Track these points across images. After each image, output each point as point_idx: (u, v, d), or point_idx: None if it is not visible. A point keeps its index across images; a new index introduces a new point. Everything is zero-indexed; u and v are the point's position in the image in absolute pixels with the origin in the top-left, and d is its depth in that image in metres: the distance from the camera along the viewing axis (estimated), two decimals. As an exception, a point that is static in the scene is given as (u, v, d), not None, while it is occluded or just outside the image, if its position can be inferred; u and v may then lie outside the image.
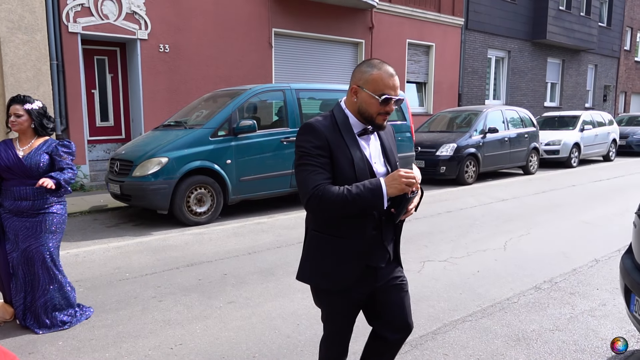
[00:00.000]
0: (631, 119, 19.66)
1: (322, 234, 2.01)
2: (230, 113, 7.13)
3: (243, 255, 5.36)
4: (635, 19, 25.92)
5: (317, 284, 2.10)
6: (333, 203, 1.82)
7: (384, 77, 1.91)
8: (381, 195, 1.82)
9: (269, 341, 3.41)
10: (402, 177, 1.81)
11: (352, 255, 1.99)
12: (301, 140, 1.92)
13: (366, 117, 1.97)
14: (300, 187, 1.91)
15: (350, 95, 2.00)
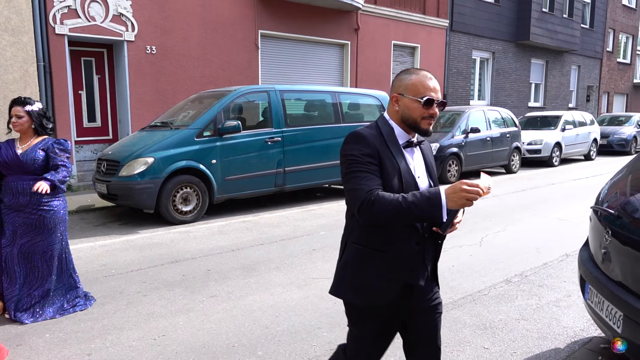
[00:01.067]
0: (612, 119, 20.06)
1: (362, 246, 1.92)
2: (216, 114, 7.28)
3: (226, 252, 5.52)
4: (617, 21, 26.40)
5: (351, 299, 1.98)
6: (386, 210, 1.72)
7: (423, 80, 1.89)
8: (440, 206, 1.69)
9: (248, 331, 3.58)
10: (464, 191, 1.67)
11: (393, 271, 1.90)
12: (349, 149, 1.85)
13: (410, 123, 1.92)
14: (351, 194, 1.81)
15: (391, 104, 1.96)
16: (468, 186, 1.68)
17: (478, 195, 1.67)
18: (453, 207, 1.70)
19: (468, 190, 1.67)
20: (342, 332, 3.57)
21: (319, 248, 5.68)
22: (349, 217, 1.99)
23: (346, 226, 2.01)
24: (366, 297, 1.92)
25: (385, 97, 9.65)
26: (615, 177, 3.33)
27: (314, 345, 3.38)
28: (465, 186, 1.68)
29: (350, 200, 1.83)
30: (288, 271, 4.88)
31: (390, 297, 1.92)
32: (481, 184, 1.68)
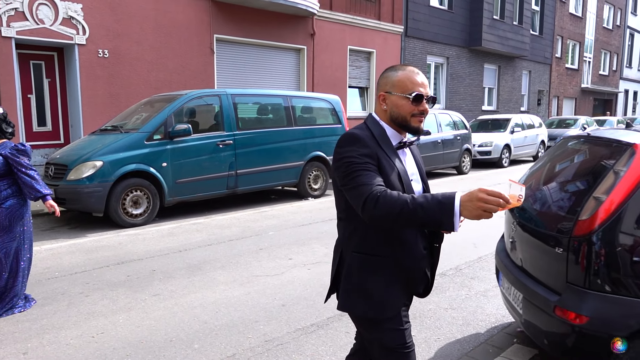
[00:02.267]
0: (561, 122, 20.96)
1: (367, 255, 1.80)
2: (166, 117, 7.34)
3: (174, 253, 5.59)
4: (564, 29, 27.60)
5: (363, 313, 1.84)
6: (391, 208, 1.57)
7: (411, 75, 1.80)
8: (451, 213, 1.52)
9: (187, 327, 3.69)
10: (481, 200, 1.49)
11: (402, 278, 1.83)
12: (346, 152, 1.73)
13: (400, 122, 1.82)
14: (354, 192, 1.67)
15: (379, 104, 1.86)
16: (487, 195, 1.49)
17: (499, 207, 1.48)
18: (467, 217, 1.52)
19: (486, 200, 1.48)
20: (278, 325, 3.74)
21: (265, 247, 5.82)
22: (344, 227, 1.87)
23: (342, 236, 1.89)
24: (379, 309, 1.81)
25: (337, 100, 9.90)
26: (533, 166, 3.58)
27: (250, 338, 3.53)
28: (484, 194, 1.49)
29: (353, 198, 1.68)
30: (233, 270, 5.01)
31: (401, 306, 1.85)
32: (507, 193, 1.48)
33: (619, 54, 34.55)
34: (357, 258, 1.81)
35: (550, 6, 25.92)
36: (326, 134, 9.43)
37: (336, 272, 1.90)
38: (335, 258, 1.95)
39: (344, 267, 1.86)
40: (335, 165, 1.76)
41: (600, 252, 2.35)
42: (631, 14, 35.07)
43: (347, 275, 1.84)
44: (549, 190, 3.01)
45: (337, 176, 1.76)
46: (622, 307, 2.31)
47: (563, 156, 3.24)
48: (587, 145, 3.04)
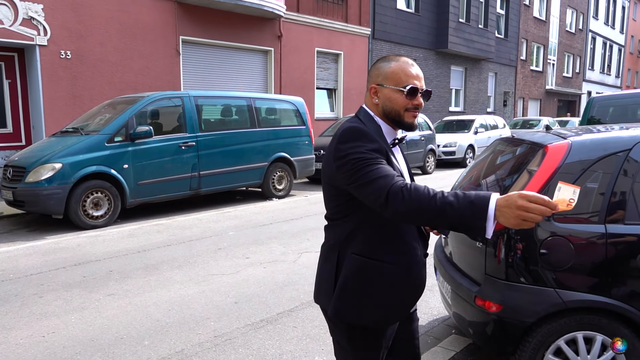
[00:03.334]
0: (525, 122, 21.57)
1: (367, 258, 1.66)
2: (127, 119, 7.36)
3: (132, 254, 5.65)
4: (529, 32, 28.37)
5: (359, 321, 1.69)
6: (420, 203, 1.41)
7: (405, 67, 1.68)
8: (483, 216, 1.34)
9: (138, 324, 3.78)
10: (521, 208, 1.29)
11: (404, 285, 1.70)
12: (351, 147, 1.56)
13: (393, 116, 1.69)
14: (370, 189, 1.50)
15: (370, 97, 1.73)
16: (528, 201, 1.29)
17: (541, 216, 1.29)
18: (504, 224, 1.33)
19: (527, 207, 1.29)
20: (229, 321, 3.86)
21: (224, 247, 5.93)
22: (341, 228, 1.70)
23: (337, 237, 1.72)
24: (379, 317, 1.69)
25: (301, 102, 10.05)
26: (469, 166, 3.79)
27: (200, 334, 3.65)
28: (524, 201, 1.29)
29: (370, 194, 1.50)
30: (189, 269, 5.11)
31: (403, 315, 1.75)
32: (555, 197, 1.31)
33: (582, 56, 35.64)
34: (356, 261, 1.66)
35: (514, 10, 26.61)
36: (290, 136, 9.57)
37: (335, 276, 1.71)
38: (329, 262, 1.73)
39: (340, 272, 1.69)
40: (339, 163, 1.58)
41: (512, 245, 2.56)
42: (593, 18, 36.21)
43: (345, 279, 1.67)
44: (476, 188, 3.21)
45: (341, 175, 1.58)
46: (530, 296, 2.52)
47: (492, 157, 3.46)
48: (511, 147, 3.26)
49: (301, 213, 7.97)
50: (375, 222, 1.65)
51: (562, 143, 2.67)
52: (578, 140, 2.67)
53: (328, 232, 1.79)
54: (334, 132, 1.67)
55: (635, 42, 44.93)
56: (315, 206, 8.58)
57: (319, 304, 1.81)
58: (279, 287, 4.60)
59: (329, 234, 1.78)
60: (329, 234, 1.78)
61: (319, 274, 1.81)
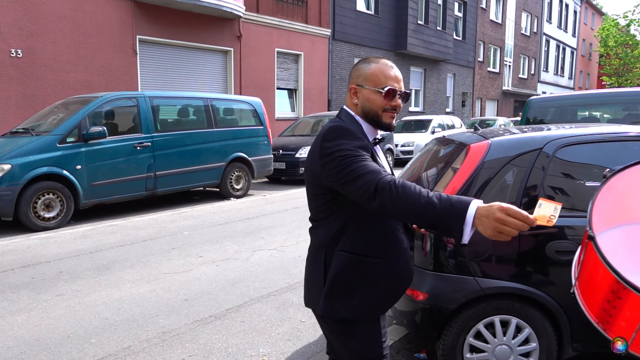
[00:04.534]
0: (482, 122, 22.22)
1: (356, 255, 1.69)
2: (80, 120, 7.30)
3: (84, 255, 5.64)
4: (486, 34, 29.22)
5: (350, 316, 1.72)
6: (407, 199, 1.45)
7: (384, 69, 1.73)
8: (461, 220, 1.39)
9: (86, 323, 3.82)
10: (499, 220, 1.33)
11: (392, 278, 1.75)
12: (336, 145, 1.60)
13: (371, 116, 1.73)
14: (358, 184, 1.52)
15: (350, 97, 1.78)
16: (507, 215, 1.32)
17: (518, 230, 1.32)
18: (482, 232, 1.36)
19: (504, 220, 1.32)
20: (178, 318, 3.95)
21: (178, 247, 5.98)
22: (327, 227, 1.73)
23: (324, 237, 1.73)
24: (370, 309, 1.73)
25: (259, 103, 10.14)
26: (414, 158, 3.98)
27: (148, 330, 3.72)
28: (503, 215, 1.32)
29: (358, 188, 1.52)
30: (141, 268, 5.15)
31: (393, 303, 1.80)
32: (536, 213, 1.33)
33: (537, 58, 36.94)
34: (344, 257, 1.69)
35: (472, 13, 27.37)
36: (248, 136, 9.65)
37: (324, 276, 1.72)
38: (317, 263, 1.76)
39: (328, 270, 1.72)
40: (324, 160, 1.60)
41: (437, 238, 2.75)
42: (547, 21, 37.57)
43: (334, 277, 1.70)
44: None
45: (326, 173, 1.61)
46: (453, 284, 2.73)
47: (426, 155, 3.66)
48: (442, 146, 3.47)
49: (257, 212, 8.08)
50: (361, 219, 1.67)
51: (482, 143, 2.88)
52: (497, 140, 2.89)
53: (313, 234, 1.81)
54: (318, 132, 1.70)
55: (587, 45, 46.84)
56: (273, 205, 8.70)
57: (310, 307, 1.81)
58: (230, 284, 4.70)
59: (314, 236, 1.80)
60: (314, 235, 1.80)
61: (307, 278, 1.83)
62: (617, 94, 6.24)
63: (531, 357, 2.73)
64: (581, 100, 6.29)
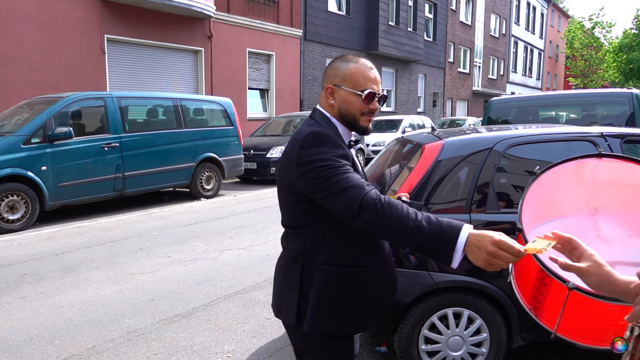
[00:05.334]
0: (452, 122, 22.65)
1: (341, 267, 1.62)
2: (45, 120, 7.20)
3: (49, 257, 5.59)
4: (456, 35, 29.74)
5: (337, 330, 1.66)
6: (393, 220, 1.40)
7: (364, 70, 1.63)
8: (451, 247, 1.34)
9: (50, 325, 3.82)
10: (491, 254, 1.28)
11: (378, 289, 1.70)
12: (316, 153, 1.51)
13: (348, 119, 1.64)
14: (341, 198, 1.46)
15: (325, 97, 1.67)
16: (499, 249, 1.28)
17: (508, 264, 1.29)
18: (472, 261, 1.32)
19: (497, 254, 1.28)
20: (144, 317, 3.97)
21: (146, 247, 5.97)
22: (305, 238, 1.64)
23: (300, 248, 1.65)
24: (357, 322, 1.68)
25: (229, 103, 10.15)
26: (376, 157, 4.09)
27: (113, 330, 3.74)
28: (496, 248, 1.28)
29: (340, 204, 1.46)
30: (108, 269, 5.13)
31: (381, 316, 1.75)
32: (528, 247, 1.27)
33: (505, 59, 37.74)
34: (328, 271, 1.61)
35: (442, 14, 27.82)
36: (218, 136, 9.66)
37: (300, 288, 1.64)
38: (292, 274, 1.66)
39: (309, 284, 1.63)
40: (302, 170, 1.52)
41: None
42: (515, 24, 38.43)
43: (319, 291, 1.61)
44: (378, 179, 3.52)
45: (305, 183, 1.53)
46: (409, 279, 2.84)
47: (388, 154, 3.78)
48: (401, 146, 3.59)
49: (227, 212, 8.10)
50: (341, 228, 1.58)
51: (436, 143, 3.01)
52: (450, 141, 3.02)
53: (288, 241, 1.72)
54: (292, 137, 1.62)
55: (554, 47, 48.07)
56: (243, 205, 8.73)
57: (280, 318, 1.73)
58: (197, 284, 4.74)
59: (289, 244, 1.71)
60: (289, 243, 1.71)
61: (279, 288, 1.73)
62: (571, 96, 6.50)
63: (482, 347, 2.87)
64: (539, 101, 6.53)
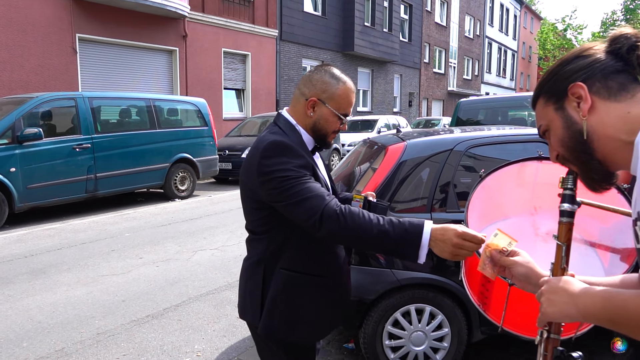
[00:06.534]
0: (427, 122, 22.92)
1: (298, 273, 1.64)
2: (14, 121, 7.09)
3: (18, 259, 5.53)
4: (431, 36, 30.11)
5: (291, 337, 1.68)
6: (356, 230, 1.43)
7: (350, 94, 1.67)
8: (417, 246, 1.39)
9: (18, 328, 3.80)
10: (456, 246, 1.35)
11: (333, 297, 1.72)
12: (276, 163, 1.52)
13: (320, 135, 1.68)
14: (301, 209, 1.48)
15: (304, 107, 1.67)
16: (464, 240, 1.35)
17: (472, 252, 1.37)
18: (438, 254, 1.38)
19: (462, 245, 1.35)
20: (114, 319, 3.98)
21: (118, 249, 5.95)
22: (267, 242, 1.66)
23: (262, 252, 1.67)
24: (311, 332, 1.70)
25: (203, 103, 10.12)
26: (345, 157, 4.17)
27: (82, 332, 3.74)
28: (460, 240, 1.35)
29: (301, 213, 1.48)
30: (79, 271, 5.11)
31: (335, 326, 1.77)
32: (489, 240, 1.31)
33: (480, 60, 38.34)
34: (285, 276, 1.64)
35: (417, 15, 28.12)
36: (192, 136, 9.64)
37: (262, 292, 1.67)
38: (255, 277, 1.69)
39: (268, 287, 1.66)
40: (263, 179, 1.54)
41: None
42: (489, 25, 39.07)
43: (274, 295, 1.64)
44: (338, 184, 3.60)
45: (266, 192, 1.55)
46: (372, 277, 2.93)
47: (355, 155, 3.87)
48: (367, 147, 3.68)
49: (201, 213, 8.10)
50: (301, 234, 1.60)
51: (399, 144, 3.10)
52: (413, 142, 3.12)
53: (252, 245, 1.73)
54: (254, 144, 1.63)
55: (527, 48, 49.00)
56: (217, 205, 8.74)
57: (246, 320, 1.76)
58: (169, 284, 4.76)
59: (252, 248, 1.73)
60: (252, 248, 1.73)
61: (243, 291, 1.76)
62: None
63: (444, 342, 2.98)
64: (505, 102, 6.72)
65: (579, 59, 1.02)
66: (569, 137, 1.02)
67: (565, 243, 1.11)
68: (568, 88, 1.01)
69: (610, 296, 0.89)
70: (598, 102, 0.98)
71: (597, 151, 0.99)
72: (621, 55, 0.98)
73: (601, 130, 0.97)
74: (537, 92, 1.10)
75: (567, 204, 1.11)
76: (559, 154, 1.07)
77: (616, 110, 0.96)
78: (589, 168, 1.03)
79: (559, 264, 1.10)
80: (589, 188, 1.07)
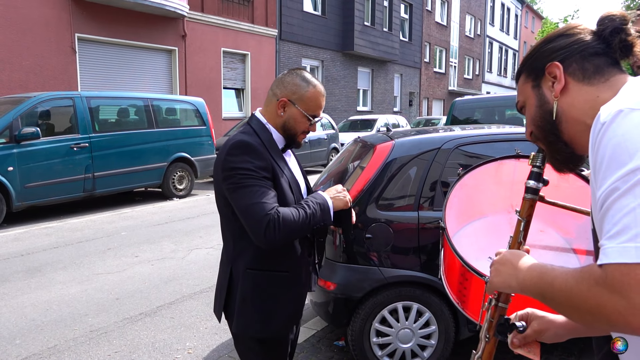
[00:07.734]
0: (427, 122, 22.90)
1: (263, 271, 1.73)
2: (11, 120, 7.13)
3: (14, 258, 5.56)
4: (431, 36, 30.10)
5: (260, 333, 1.77)
6: (293, 226, 1.62)
7: (319, 97, 1.78)
8: (329, 210, 1.73)
9: (11, 325, 3.83)
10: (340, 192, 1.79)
11: (297, 291, 1.82)
12: (239, 161, 1.63)
13: (290, 134, 1.79)
14: (248, 213, 1.60)
15: (276, 107, 1.76)
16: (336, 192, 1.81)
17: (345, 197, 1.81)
18: (339, 206, 1.77)
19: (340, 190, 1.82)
20: (107, 316, 4.01)
21: (114, 247, 5.98)
22: (234, 242, 1.76)
23: (231, 251, 1.77)
24: (281, 326, 1.79)
25: (202, 103, 10.15)
26: (337, 156, 4.19)
27: (75, 330, 3.77)
28: (334, 192, 1.80)
29: (247, 218, 1.61)
30: (74, 270, 5.14)
31: (299, 318, 1.89)
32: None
33: (481, 60, 38.32)
34: (251, 275, 1.72)
35: (417, 15, 28.12)
36: (190, 136, 9.67)
37: (227, 291, 1.77)
38: (223, 275, 1.81)
39: (236, 286, 1.74)
40: (225, 174, 1.64)
41: (344, 232, 2.96)
42: (489, 24, 39.05)
43: (244, 295, 1.72)
44: (329, 183, 3.63)
45: (226, 187, 1.65)
46: (359, 274, 2.95)
47: (347, 154, 3.89)
48: (357, 147, 3.71)
49: (199, 212, 8.13)
50: None
51: (387, 143, 3.12)
52: (400, 141, 3.14)
53: (224, 245, 1.85)
54: (224, 142, 1.75)
55: (528, 48, 48.91)
56: (214, 205, 8.71)
57: (215, 313, 1.89)
58: (164, 283, 4.79)
59: (225, 249, 1.84)
60: (225, 248, 1.84)
61: (216, 286, 1.88)
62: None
63: (431, 339, 3.00)
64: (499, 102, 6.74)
65: (561, 38, 1.01)
66: (540, 116, 1.02)
67: (525, 219, 1.14)
68: (545, 67, 1.00)
69: (545, 272, 0.89)
70: (572, 83, 0.96)
71: (564, 133, 0.99)
72: (604, 37, 0.96)
73: (569, 113, 0.96)
74: (520, 67, 1.10)
75: (533, 181, 1.14)
76: (532, 131, 1.07)
77: (587, 94, 0.94)
78: (555, 149, 1.03)
79: (517, 238, 1.14)
80: (553, 168, 1.08)
